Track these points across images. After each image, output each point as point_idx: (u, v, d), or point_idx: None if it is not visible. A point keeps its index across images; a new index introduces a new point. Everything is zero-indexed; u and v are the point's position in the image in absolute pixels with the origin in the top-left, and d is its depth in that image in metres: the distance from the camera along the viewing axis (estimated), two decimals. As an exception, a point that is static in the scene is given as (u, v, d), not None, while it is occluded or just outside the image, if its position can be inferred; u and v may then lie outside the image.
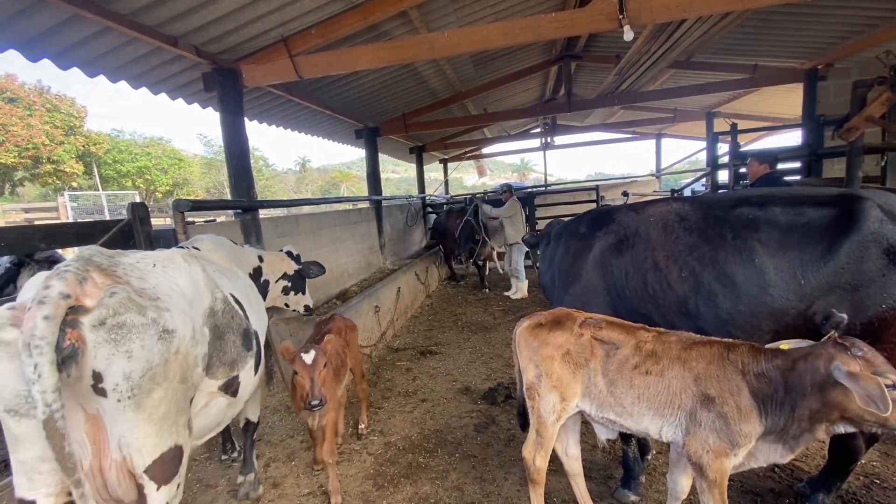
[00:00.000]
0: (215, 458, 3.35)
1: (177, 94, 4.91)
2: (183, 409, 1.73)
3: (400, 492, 2.90)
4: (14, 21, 3.18)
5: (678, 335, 2.04)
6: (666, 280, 2.37)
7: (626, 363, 2.02)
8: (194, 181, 30.68)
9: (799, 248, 2.11)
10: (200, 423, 2.01)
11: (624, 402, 2.01)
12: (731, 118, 9.12)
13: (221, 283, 2.24)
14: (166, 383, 1.61)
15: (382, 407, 4.11)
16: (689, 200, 2.60)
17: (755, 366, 1.82)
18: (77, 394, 1.50)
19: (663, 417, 1.95)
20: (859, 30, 5.67)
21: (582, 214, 3.09)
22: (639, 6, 3.74)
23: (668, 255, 2.40)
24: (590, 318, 2.19)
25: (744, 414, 1.79)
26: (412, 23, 5.18)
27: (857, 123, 3.82)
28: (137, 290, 1.61)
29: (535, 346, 2.19)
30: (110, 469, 1.59)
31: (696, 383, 1.88)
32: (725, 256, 2.23)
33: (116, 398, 1.50)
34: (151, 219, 3.40)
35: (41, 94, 21.70)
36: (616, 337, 2.08)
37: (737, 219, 2.29)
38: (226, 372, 2.06)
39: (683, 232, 2.41)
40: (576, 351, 2.12)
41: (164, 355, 1.59)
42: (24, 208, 19.33)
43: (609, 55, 8.17)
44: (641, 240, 2.53)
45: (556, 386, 2.12)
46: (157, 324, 1.58)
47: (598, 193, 10.56)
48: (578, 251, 2.76)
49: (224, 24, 4.00)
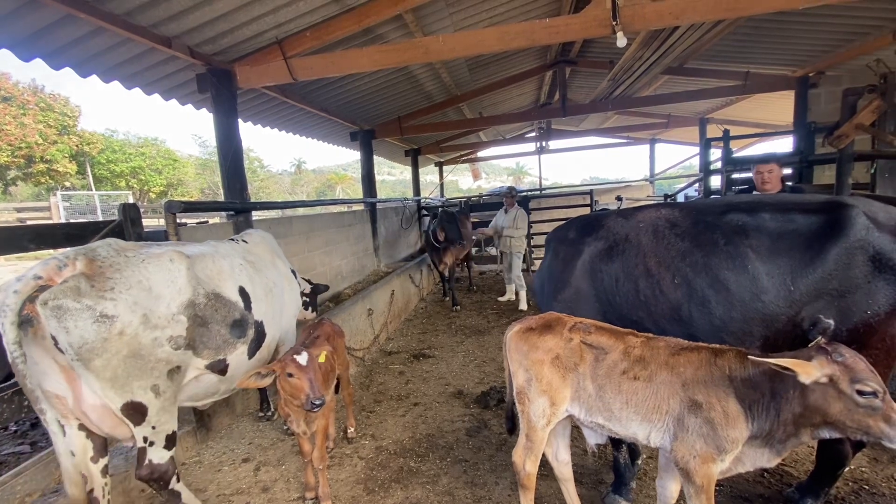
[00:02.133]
0: (205, 462, 3.33)
1: (170, 95, 4.89)
2: (139, 375, 2.13)
3: (391, 496, 2.88)
4: (6, 21, 3.16)
5: (666, 341, 2.04)
6: (658, 286, 2.36)
7: (614, 368, 2.01)
8: (189, 182, 30.55)
9: (789, 254, 2.12)
10: (192, 391, 2.54)
11: (612, 406, 2.01)
12: (723, 124, 9.23)
13: (222, 278, 2.63)
14: (107, 355, 2.01)
15: (374, 411, 4.09)
16: (679, 206, 2.59)
17: (742, 371, 1.82)
18: (47, 349, 1.98)
19: (651, 423, 1.95)
20: (850, 38, 5.75)
21: (571, 220, 3.07)
22: (632, 13, 3.77)
23: (661, 261, 2.38)
24: (579, 323, 2.19)
25: (731, 419, 1.79)
26: (407, 26, 5.19)
27: (848, 131, 3.87)
28: (93, 281, 2.01)
29: (525, 351, 2.18)
30: (93, 410, 2.10)
31: (684, 389, 1.88)
32: (718, 262, 2.22)
33: (70, 357, 1.96)
34: (145, 219, 3.45)
35: (35, 93, 21.56)
36: (605, 342, 2.08)
37: (727, 225, 2.29)
38: (211, 355, 2.47)
39: (675, 238, 2.40)
40: (565, 355, 2.11)
41: (102, 334, 1.99)
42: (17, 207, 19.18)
43: (603, 61, 8.23)
44: (632, 246, 2.51)
45: (546, 390, 2.12)
46: (93, 309, 1.97)
47: (592, 198, 10.59)
48: (568, 257, 2.73)
49: (218, 26, 4.00)
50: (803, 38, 6.02)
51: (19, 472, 2.54)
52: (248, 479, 3.11)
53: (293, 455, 3.37)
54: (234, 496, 2.95)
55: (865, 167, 5.21)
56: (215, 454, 3.44)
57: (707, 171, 6.91)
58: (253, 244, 3.22)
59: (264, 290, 2.95)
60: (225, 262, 2.73)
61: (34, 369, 1.99)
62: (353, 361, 4.57)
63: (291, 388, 2.45)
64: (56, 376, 2.05)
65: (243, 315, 2.68)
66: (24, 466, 2.59)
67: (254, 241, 3.25)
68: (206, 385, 2.59)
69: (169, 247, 2.48)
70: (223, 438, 3.65)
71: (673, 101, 8.82)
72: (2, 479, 2.47)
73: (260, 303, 2.86)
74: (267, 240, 3.43)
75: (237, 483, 3.08)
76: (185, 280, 2.36)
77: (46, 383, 2.05)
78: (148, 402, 2.18)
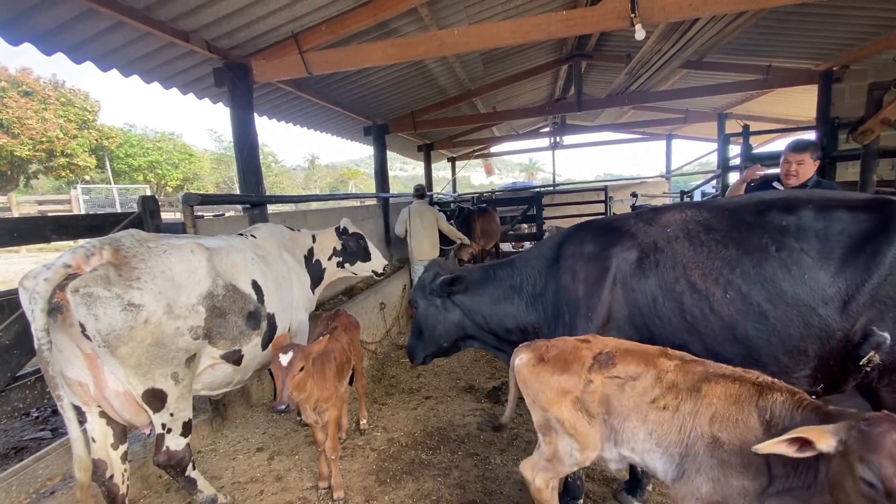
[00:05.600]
0: (220, 451, 3.38)
1: (188, 89, 4.94)
2: (161, 363, 2.17)
3: (402, 488, 2.90)
4: (29, 15, 3.22)
5: (705, 365, 1.76)
6: (708, 304, 2.04)
7: (643, 396, 1.76)
8: (204, 176, 30.98)
9: (842, 257, 1.88)
10: (208, 380, 2.59)
11: (636, 438, 1.79)
12: (743, 119, 9.03)
13: (237, 271, 2.67)
14: (133, 343, 2.05)
15: (386, 403, 4.12)
16: (705, 206, 2.29)
17: (787, 420, 1.51)
18: (74, 336, 2.02)
19: (672, 458, 1.72)
20: (876, 31, 5.58)
21: (578, 229, 2.59)
22: (651, 5, 3.70)
23: (706, 273, 2.06)
24: (600, 355, 1.88)
25: (752, 470, 1.53)
26: (422, 20, 5.17)
27: (873, 126, 3.77)
28: (120, 270, 2.04)
29: (537, 390, 1.93)
30: (116, 397, 2.15)
31: (711, 423, 1.62)
32: (774, 271, 1.95)
33: (97, 343, 1.99)
34: (162, 213, 3.47)
35: (56, 88, 21.99)
36: (633, 370, 1.81)
37: (772, 226, 2.02)
38: (227, 345, 2.52)
39: (716, 245, 2.08)
40: (586, 399, 1.85)
41: (129, 322, 2.02)
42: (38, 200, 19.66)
43: (620, 54, 8.11)
44: (666, 257, 2.16)
45: (573, 434, 1.88)
46: (122, 298, 2.00)
47: (606, 194, 10.48)
48: (592, 277, 2.30)
49: (235, 20, 4.02)
50: (827, 30, 5.86)
51: (41, 456, 2.61)
52: (263, 468, 3.16)
53: (307, 445, 3.41)
54: (248, 484, 2.99)
55: (891, 164, 5.08)
56: (230, 443, 3.49)
57: (726, 167, 6.78)
58: (261, 239, 3.24)
59: (275, 284, 2.98)
60: (238, 255, 2.76)
61: (58, 356, 2.03)
62: (365, 354, 4.59)
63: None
64: (79, 363, 2.09)
65: (257, 307, 2.72)
66: (45, 451, 2.65)
67: (262, 236, 3.28)
68: (222, 375, 2.64)
69: (188, 239, 2.51)
70: (238, 427, 3.71)
71: (691, 95, 8.65)
72: (24, 464, 2.54)
73: (272, 296, 2.89)
74: (276, 234, 3.44)
75: (251, 471, 3.13)
76: (206, 271, 2.39)
77: (69, 370, 2.10)
78: (168, 390, 2.22)
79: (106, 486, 2.26)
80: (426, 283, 2.96)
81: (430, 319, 2.93)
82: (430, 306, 2.92)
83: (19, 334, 2.42)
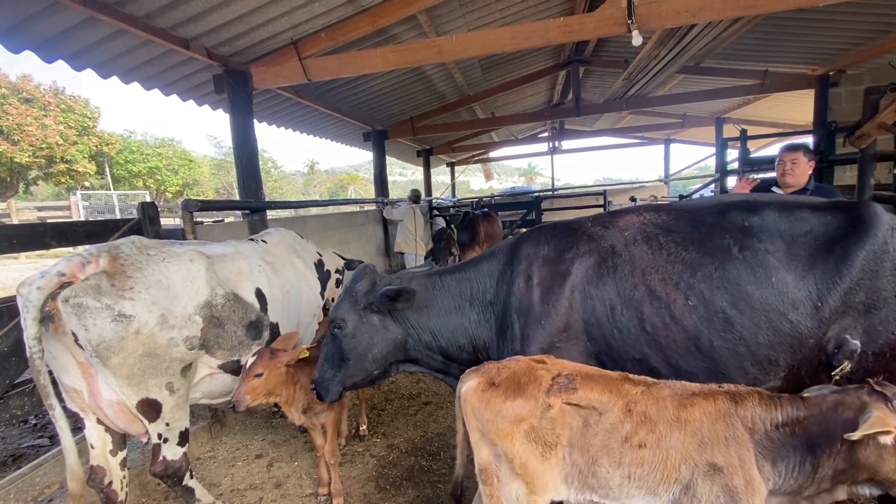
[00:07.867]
0: (219, 457, 3.37)
1: (188, 95, 4.97)
2: (154, 374, 2.15)
3: (402, 494, 2.89)
4: (30, 22, 3.24)
5: (671, 387, 1.62)
6: (669, 311, 1.88)
7: (612, 434, 1.56)
8: (204, 182, 31.00)
9: (811, 260, 1.78)
10: (207, 389, 2.55)
11: (610, 482, 1.57)
12: (740, 124, 9.09)
13: (241, 278, 2.64)
14: (124, 353, 2.03)
15: (385, 409, 4.11)
16: (663, 208, 2.16)
17: (769, 421, 1.48)
18: (67, 345, 2.02)
19: (656, 496, 1.55)
20: (872, 36, 5.62)
21: (532, 232, 2.35)
22: (648, 11, 3.73)
23: (666, 277, 1.91)
24: (559, 377, 1.67)
25: (755, 486, 1.45)
26: (421, 27, 5.21)
27: (870, 130, 3.78)
28: (114, 279, 2.03)
29: (487, 419, 1.64)
30: (109, 406, 2.14)
31: (701, 450, 1.49)
32: (738, 274, 1.82)
33: (89, 353, 1.99)
34: (161, 218, 3.47)
35: (56, 94, 22.05)
36: (597, 398, 1.60)
37: (733, 226, 1.91)
38: (225, 355, 2.49)
39: (676, 246, 1.95)
40: (544, 427, 1.59)
41: (119, 333, 2.00)
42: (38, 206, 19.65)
43: (618, 60, 8.17)
44: (624, 261, 2.00)
45: (521, 474, 1.61)
46: (112, 309, 1.99)
47: (605, 198, 10.50)
48: (549, 283, 2.09)
49: (235, 27, 4.05)
50: (824, 35, 5.91)
51: (38, 464, 2.61)
52: (262, 475, 3.15)
53: (306, 452, 3.40)
54: (247, 491, 2.98)
55: (888, 167, 5.10)
56: (229, 450, 3.48)
57: (724, 171, 6.80)
58: (272, 244, 3.22)
59: (282, 292, 2.94)
60: (244, 262, 2.74)
61: (53, 364, 2.03)
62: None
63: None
64: (74, 371, 2.09)
65: (259, 317, 2.68)
66: (43, 459, 2.65)
67: (273, 242, 3.26)
68: (222, 384, 2.61)
69: (191, 246, 2.49)
70: (237, 434, 3.69)
71: (689, 100, 8.72)
72: (22, 472, 2.53)
73: (276, 304, 2.85)
74: (287, 239, 3.42)
75: (250, 478, 3.12)
76: (204, 280, 2.37)
77: (65, 377, 2.10)
78: (162, 400, 2.21)
79: (105, 493, 2.25)
80: (359, 295, 2.37)
81: (364, 341, 2.35)
82: (363, 324, 2.35)
83: (18, 341, 2.43)
